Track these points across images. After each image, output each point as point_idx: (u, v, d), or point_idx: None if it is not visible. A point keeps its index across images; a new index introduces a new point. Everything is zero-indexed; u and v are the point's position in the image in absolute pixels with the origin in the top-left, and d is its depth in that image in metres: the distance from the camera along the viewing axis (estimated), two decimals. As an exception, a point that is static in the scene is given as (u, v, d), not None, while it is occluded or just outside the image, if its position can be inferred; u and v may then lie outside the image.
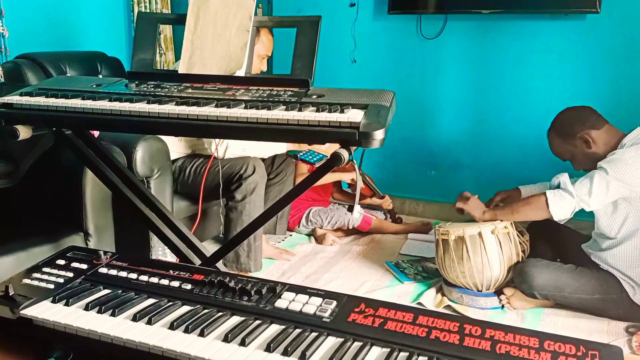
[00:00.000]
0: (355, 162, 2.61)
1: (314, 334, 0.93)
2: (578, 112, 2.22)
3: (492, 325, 0.93)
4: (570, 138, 2.20)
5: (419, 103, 3.40)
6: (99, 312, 0.99)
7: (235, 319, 0.98)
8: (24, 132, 1.28)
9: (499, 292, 2.30)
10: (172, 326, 0.94)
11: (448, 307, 2.30)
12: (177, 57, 3.47)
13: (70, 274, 1.13)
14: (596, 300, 2.16)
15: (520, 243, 2.30)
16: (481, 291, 2.28)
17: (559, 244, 2.43)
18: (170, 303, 1.03)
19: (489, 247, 2.23)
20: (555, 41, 3.05)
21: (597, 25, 2.94)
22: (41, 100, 1.26)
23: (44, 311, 0.99)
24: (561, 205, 2.10)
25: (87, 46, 3.01)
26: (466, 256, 2.24)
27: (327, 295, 1.03)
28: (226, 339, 0.90)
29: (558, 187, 2.15)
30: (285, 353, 0.87)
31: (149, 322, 0.96)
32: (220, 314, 0.99)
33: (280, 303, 1.01)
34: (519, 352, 0.86)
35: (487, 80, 3.26)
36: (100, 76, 2.66)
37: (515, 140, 3.23)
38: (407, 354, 0.88)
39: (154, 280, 1.10)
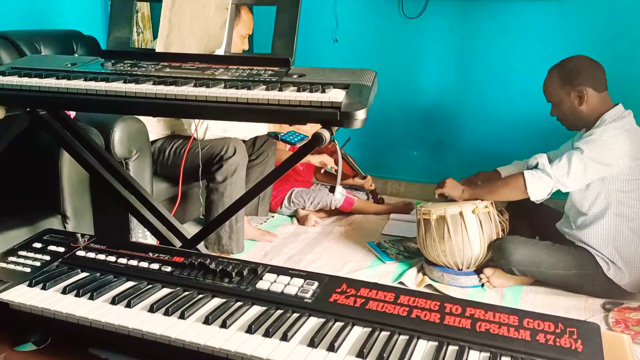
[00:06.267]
0: (337, 142, 2.60)
1: (295, 315, 0.92)
2: (591, 65, 2.16)
3: (472, 303, 0.94)
4: (569, 85, 2.15)
5: (401, 82, 3.39)
6: (77, 295, 0.98)
7: (216, 301, 0.97)
8: (-4, 113, 1.25)
9: (479, 270, 2.33)
10: (152, 309, 0.93)
11: (429, 286, 2.32)
12: (155, 35, 3.41)
13: (47, 257, 1.11)
14: (572, 276, 2.19)
15: (500, 222, 2.33)
16: (462, 270, 2.31)
17: (538, 222, 2.46)
18: (150, 286, 1.02)
19: (469, 226, 2.24)
20: (536, 21, 3.05)
21: (577, 6, 2.94)
22: (14, 80, 1.23)
23: (20, 295, 0.98)
24: (539, 186, 2.12)
25: (62, 24, 2.93)
26: (447, 235, 2.26)
27: (308, 276, 1.03)
28: (207, 321, 0.90)
29: (536, 167, 2.17)
30: (266, 334, 0.87)
31: (128, 305, 0.94)
32: (200, 296, 0.98)
33: (262, 284, 1.01)
34: (499, 330, 0.87)
35: (468, 60, 3.26)
36: (76, 55, 2.60)
37: (496, 120, 3.24)
38: (389, 333, 0.88)
39: (133, 262, 1.09)
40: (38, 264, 1.09)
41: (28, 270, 1.07)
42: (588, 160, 2.05)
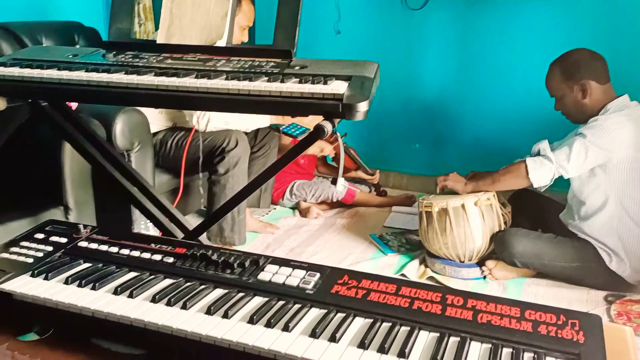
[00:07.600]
0: (339, 134, 2.60)
1: (297, 306, 0.92)
2: (592, 58, 2.16)
3: (473, 295, 0.94)
4: (571, 80, 2.16)
5: (403, 75, 3.38)
6: (79, 286, 0.98)
7: (218, 292, 0.97)
8: (-2, 104, 1.25)
9: (480, 263, 2.33)
10: (154, 299, 0.93)
11: (431, 278, 2.33)
12: (157, 27, 3.39)
13: (50, 248, 1.11)
14: (575, 269, 2.19)
15: (502, 214, 2.33)
16: (463, 262, 2.31)
17: (540, 215, 2.46)
18: (152, 276, 1.02)
19: (471, 218, 2.24)
20: (539, 14, 3.04)
21: (581, 1, 2.92)
22: (15, 71, 1.23)
23: (23, 285, 0.98)
24: (541, 171, 2.11)
25: (63, 16, 2.92)
26: (449, 228, 2.25)
27: (310, 267, 1.03)
28: (209, 311, 0.90)
29: (538, 154, 2.16)
30: (268, 325, 0.87)
31: (131, 296, 0.95)
32: (203, 287, 0.98)
33: (264, 275, 1.01)
34: (501, 322, 0.87)
35: (471, 53, 3.25)
36: (77, 46, 2.59)
37: (498, 113, 3.23)
38: (390, 324, 0.88)
39: (136, 253, 1.09)
40: (40, 254, 1.09)
41: (30, 260, 1.07)
42: (590, 145, 2.04)
